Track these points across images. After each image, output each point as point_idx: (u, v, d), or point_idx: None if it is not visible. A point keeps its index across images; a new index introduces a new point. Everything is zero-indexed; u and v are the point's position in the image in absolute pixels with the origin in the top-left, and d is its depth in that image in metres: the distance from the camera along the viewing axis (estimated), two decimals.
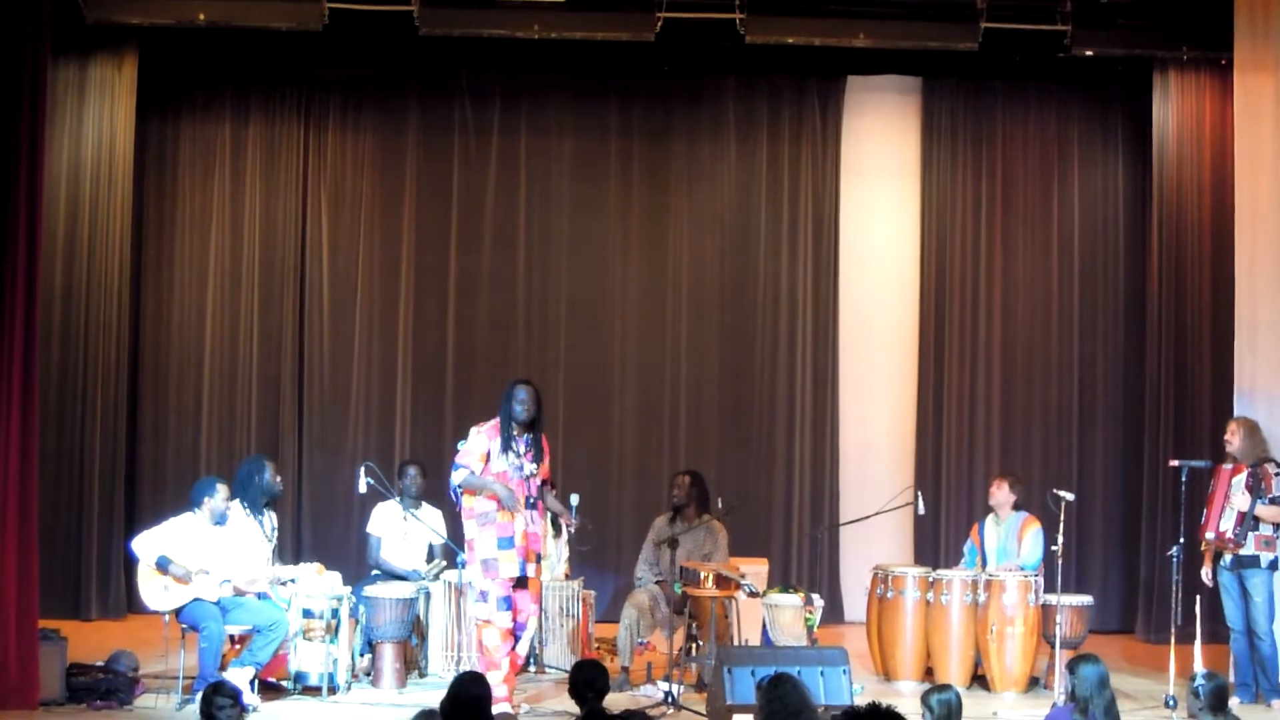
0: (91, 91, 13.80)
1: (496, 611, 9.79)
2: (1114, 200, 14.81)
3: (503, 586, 9.80)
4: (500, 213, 14.68)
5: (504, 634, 9.80)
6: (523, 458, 9.99)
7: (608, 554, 13.68)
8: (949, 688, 7.35)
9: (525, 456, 10.00)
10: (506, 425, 9.98)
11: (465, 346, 14.64)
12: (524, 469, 9.96)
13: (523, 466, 9.97)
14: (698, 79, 14.71)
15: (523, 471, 9.96)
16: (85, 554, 13.63)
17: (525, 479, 9.96)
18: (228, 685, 7.71)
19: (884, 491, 12.98)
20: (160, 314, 14.48)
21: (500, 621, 9.79)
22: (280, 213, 14.53)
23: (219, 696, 7.23)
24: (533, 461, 10.01)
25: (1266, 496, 10.80)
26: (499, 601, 9.80)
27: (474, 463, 9.92)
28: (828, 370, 14.64)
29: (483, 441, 9.99)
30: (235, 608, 10.16)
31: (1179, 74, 13.79)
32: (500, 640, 9.78)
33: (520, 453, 9.99)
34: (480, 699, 7.08)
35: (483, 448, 9.97)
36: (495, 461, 9.94)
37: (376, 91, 14.69)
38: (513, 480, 9.91)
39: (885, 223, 14.94)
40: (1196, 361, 13.79)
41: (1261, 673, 10.89)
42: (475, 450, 9.96)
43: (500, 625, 9.79)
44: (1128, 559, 14.39)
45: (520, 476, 9.94)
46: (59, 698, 10.03)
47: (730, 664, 9.47)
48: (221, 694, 7.26)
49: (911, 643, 11.34)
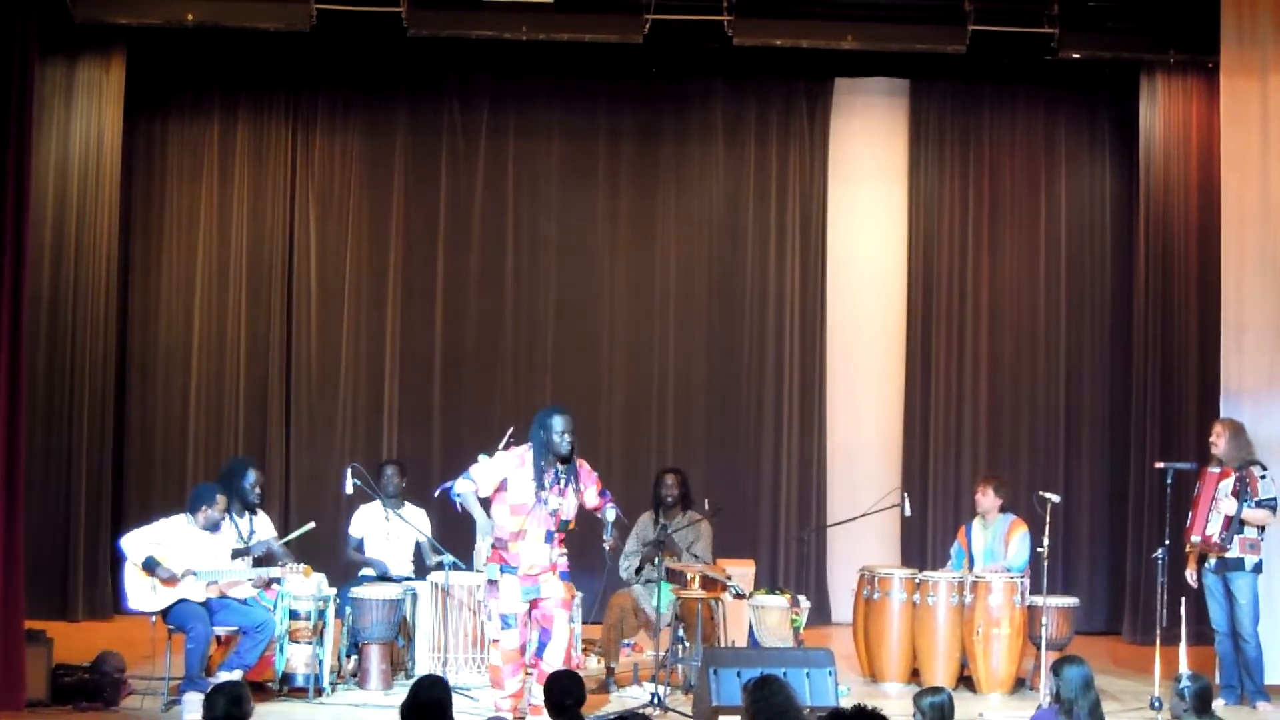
0: (79, 91, 13.77)
1: (500, 630, 9.63)
2: (1101, 203, 14.84)
3: (508, 605, 9.59)
4: (488, 214, 14.68)
5: (509, 654, 9.60)
6: (550, 491, 9.59)
7: (593, 555, 13.65)
8: (941, 690, 7.34)
9: (553, 490, 9.60)
10: (540, 457, 9.59)
11: (453, 347, 14.63)
12: (549, 503, 9.58)
13: (548, 500, 9.57)
14: (685, 81, 14.72)
15: (547, 505, 9.58)
16: (72, 555, 13.60)
17: (550, 513, 9.59)
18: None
19: (871, 493, 12.98)
20: (148, 314, 14.46)
21: (506, 642, 9.61)
22: (268, 213, 14.51)
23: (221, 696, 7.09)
24: (561, 496, 9.61)
25: (1253, 500, 10.83)
26: (503, 619, 9.61)
27: (484, 485, 9.61)
28: (815, 372, 14.66)
29: (506, 468, 9.60)
30: (222, 609, 10.16)
31: (1166, 77, 13.82)
32: (504, 661, 9.60)
33: (548, 485, 9.59)
34: (440, 702, 7.03)
35: (500, 474, 9.59)
36: (516, 492, 9.57)
37: (364, 92, 14.68)
38: (534, 514, 9.56)
39: (873, 225, 14.96)
40: (1182, 364, 13.82)
41: (1247, 675, 10.93)
42: (492, 473, 9.62)
43: (506, 645, 9.61)
44: (1113, 561, 14.41)
45: (546, 511, 9.59)
46: (45, 699, 10.03)
47: (716, 665, 9.49)
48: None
49: (898, 644, 11.36)
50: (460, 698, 9.20)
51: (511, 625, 9.61)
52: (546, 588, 9.66)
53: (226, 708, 6.84)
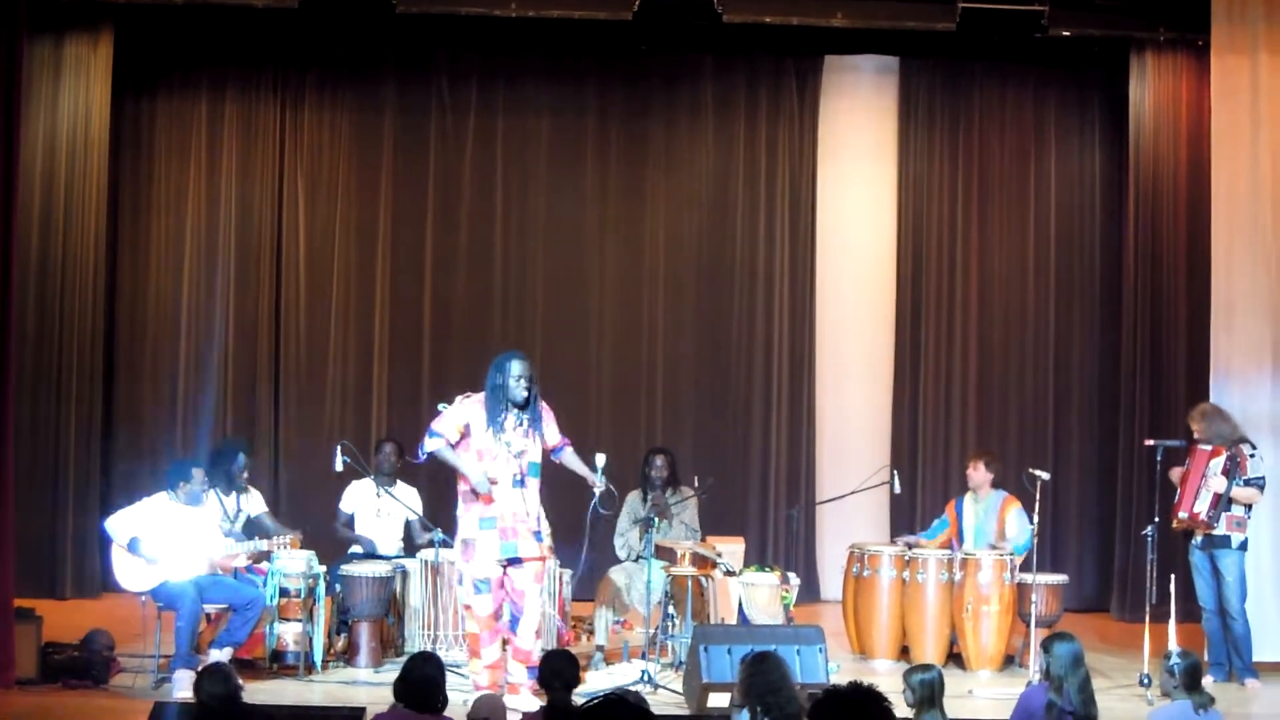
0: (67, 69, 13.72)
1: (474, 595, 9.60)
2: (1090, 181, 14.85)
3: (481, 569, 9.56)
4: (477, 192, 14.66)
5: (484, 621, 9.56)
6: (513, 433, 9.59)
7: (582, 532, 13.65)
8: (931, 667, 7.37)
9: (517, 432, 9.60)
10: (496, 401, 9.60)
11: (442, 325, 14.63)
12: (512, 446, 9.59)
13: (511, 444, 9.59)
14: (675, 58, 14.70)
15: (511, 449, 9.59)
16: (60, 532, 13.60)
17: (515, 456, 9.59)
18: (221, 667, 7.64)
19: (860, 470, 13.02)
20: (136, 292, 14.45)
21: (478, 608, 9.57)
22: (256, 192, 14.49)
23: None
24: (525, 438, 9.62)
25: (1241, 478, 10.85)
26: (475, 585, 9.58)
27: (450, 432, 9.59)
28: (804, 349, 14.66)
29: (465, 413, 9.63)
30: (211, 586, 10.15)
31: (1156, 55, 13.79)
32: (480, 629, 9.57)
33: (510, 428, 9.59)
34: (433, 679, 7.05)
35: (463, 419, 9.61)
36: (478, 437, 9.59)
37: (353, 71, 14.66)
38: (499, 459, 9.57)
39: (862, 203, 14.96)
40: (1172, 343, 13.82)
41: (1235, 653, 10.97)
42: (454, 420, 9.62)
43: (479, 612, 9.57)
44: (1103, 538, 14.45)
45: (510, 454, 9.59)
46: (34, 677, 10.03)
47: (706, 642, 9.49)
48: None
49: (887, 621, 11.38)
50: (452, 674, 9.19)
51: (483, 590, 9.56)
52: (524, 546, 9.60)
53: (215, 688, 6.88)
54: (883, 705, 5.40)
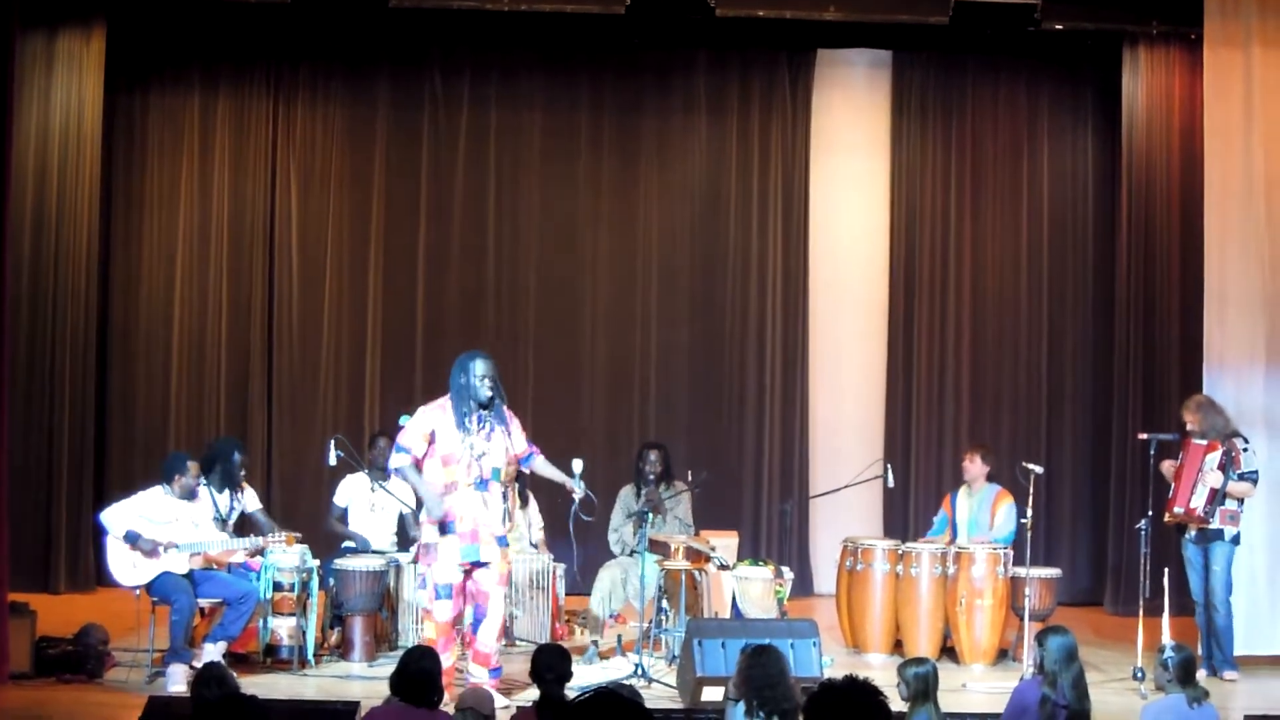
0: (59, 63, 13.67)
1: (434, 600, 9.46)
2: (1083, 175, 14.85)
3: (444, 574, 9.43)
4: (470, 186, 14.66)
5: (442, 627, 9.40)
6: (476, 435, 9.49)
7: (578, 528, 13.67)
8: (925, 661, 7.37)
9: (480, 434, 9.50)
10: (461, 402, 9.51)
11: (435, 319, 14.62)
12: (475, 448, 9.47)
13: (474, 446, 9.46)
14: (668, 53, 14.69)
15: (473, 451, 9.47)
16: (54, 526, 13.57)
17: (477, 459, 9.47)
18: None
19: (854, 464, 13.01)
20: (129, 287, 14.43)
21: (439, 613, 9.43)
22: (249, 186, 14.48)
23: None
24: (487, 440, 9.51)
25: (1236, 472, 10.86)
26: (436, 589, 9.44)
27: (416, 444, 9.46)
28: (797, 343, 14.66)
29: (430, 420, 9.51)
30: (205, 580, 10.15)
31: (1149, 49, 13.79)
32: (438, 634, 9.39)
33: (474, 431, 9.48)
34: (430, 673, 7.05)
35: (428, 427, 9.49)
36: (444, 442, 9.47)
37: (346, 65, 14.64)
38: (461, 461, 9.45)
39: (855, 197, 14.95)
40: (1165, 336, 13.83)
41: (1216, 645, 10.97)
42: (419, 429, 9.50)
43: (439, 617, 9.43)
44: (1096, 532, 14.45)
45: (472, 457, 9.47)
46: (29, 671, 10.01)
47: (700, 636, 9.49)
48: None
49: (881, 615, 11.38)
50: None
51: (444, 596, 9.44)
52: (486, 551, 9.50)
53: (210, 691, 6.89)
54: (878, 699, 5.39)
